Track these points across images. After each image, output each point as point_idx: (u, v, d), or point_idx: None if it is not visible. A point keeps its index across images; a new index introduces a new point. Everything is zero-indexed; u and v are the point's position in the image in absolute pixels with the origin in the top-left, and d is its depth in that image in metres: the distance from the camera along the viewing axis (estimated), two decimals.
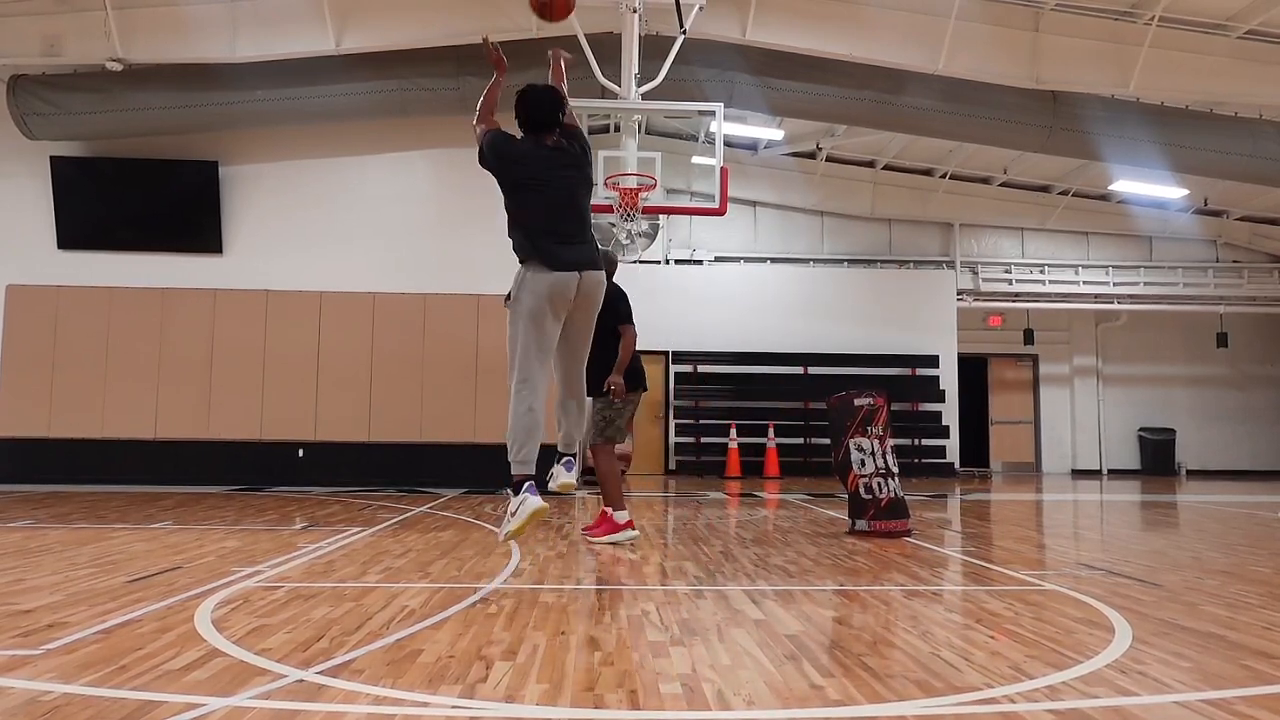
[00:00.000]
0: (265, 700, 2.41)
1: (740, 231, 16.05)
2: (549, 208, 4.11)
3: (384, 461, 10.91)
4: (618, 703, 2.45)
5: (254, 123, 10.75)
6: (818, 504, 9.14)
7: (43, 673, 2.67)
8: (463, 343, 11.03)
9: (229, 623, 3.35)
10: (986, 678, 2.72)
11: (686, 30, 7.95)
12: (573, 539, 6.09)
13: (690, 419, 15.28)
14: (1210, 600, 4.03)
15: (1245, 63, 10.10)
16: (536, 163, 4.14)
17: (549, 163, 4.15)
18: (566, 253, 4.07)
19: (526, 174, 4.12)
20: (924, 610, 3.76)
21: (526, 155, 4.16)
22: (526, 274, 4.07)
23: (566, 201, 4.16)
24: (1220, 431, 16.93)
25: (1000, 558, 5.42)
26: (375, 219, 11.29)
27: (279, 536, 6.02)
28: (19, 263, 10.96)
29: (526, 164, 4.14)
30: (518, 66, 10.06)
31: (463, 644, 3.07)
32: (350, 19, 9.64)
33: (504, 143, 4.18)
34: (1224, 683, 2.69)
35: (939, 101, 10.62)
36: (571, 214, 4.16)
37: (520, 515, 4.03)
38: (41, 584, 4.13)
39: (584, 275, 4.08)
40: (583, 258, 4.11)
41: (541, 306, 4.03)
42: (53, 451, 10.71)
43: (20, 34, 9.62)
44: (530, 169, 4.13)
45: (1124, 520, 8.16)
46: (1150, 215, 16.07)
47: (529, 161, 4.14)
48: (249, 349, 11.00)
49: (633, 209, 7.80)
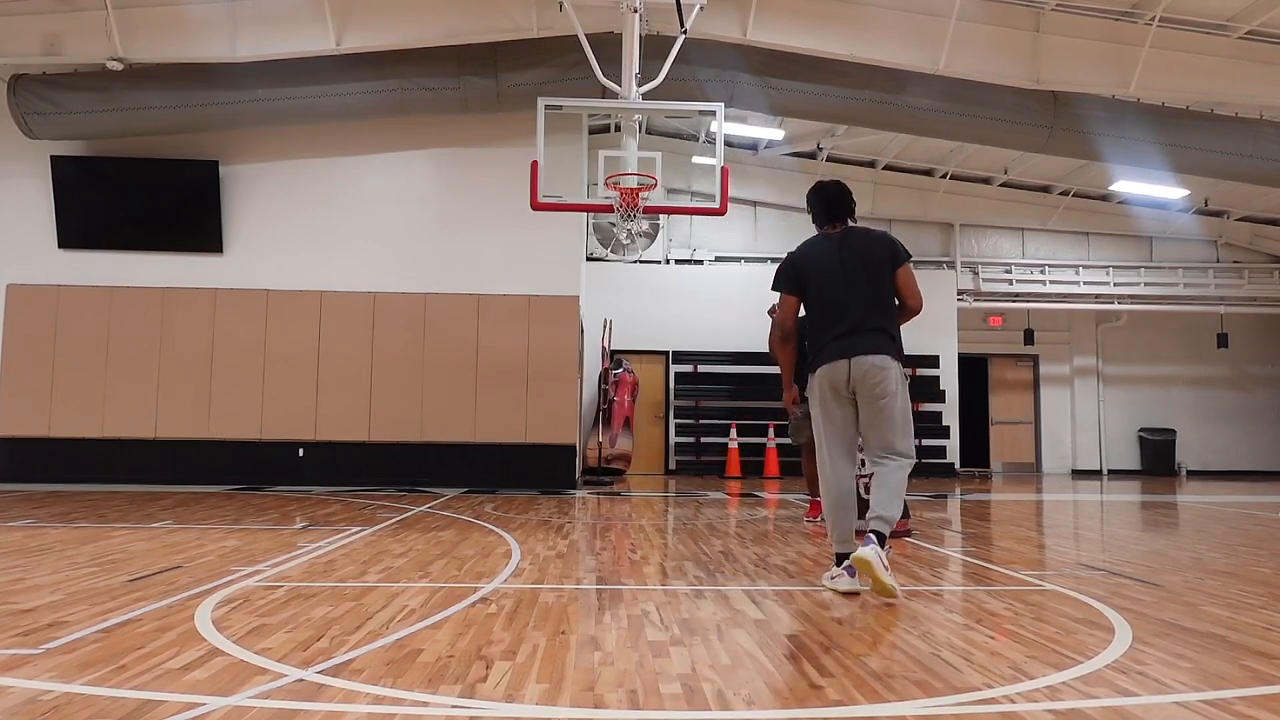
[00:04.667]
0: (265, 700, 2.41)
1: (741, 231, 16.05)
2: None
3: (384, 461, 10.91)
4: (618, 703, 2.45)
5: (254, 122, 10.75)
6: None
7: (43, 672, 2.67)
8: (463, 343, 11.03)
9: (229, 622, 3.35)
10: (986, 678, 2.71)
11: (687, 30, 7.93)
12: (573, 539, 6.10)
13: (690, 419, 15.28)
14: (1211, 601, 4.02)
15: (1246, 63, 10.09)
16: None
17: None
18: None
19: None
20: (924, 610, 3.76)
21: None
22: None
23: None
24: (1220, 432, 16.93)
25: (1000, 558, 5.42)
26: (375, 219, 11.29)
27: (279, 536, 6.02)
28: (19, 262, 10.97)
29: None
30: (518, 66, 10.15)
31: (463, 644, 3.07)
32: (350, 18, 9.64)
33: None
34: (1224, 683, 2.69)
35: (939, 101, 10.62)
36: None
37: (833, 585, 4.17)
38: (42, 583, 4.13)
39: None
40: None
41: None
42: (53, 451, 10.72)
43: (21, 33, 9.62)
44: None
45: (1124, 520, 8.16)
46: (1151, 216, 16.07)
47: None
48: (249, 349, 11.00)
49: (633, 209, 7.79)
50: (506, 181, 10.89)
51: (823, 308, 4.27)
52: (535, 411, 10.97)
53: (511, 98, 10.29)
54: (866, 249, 4.26)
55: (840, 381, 4.15)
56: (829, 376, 4.18)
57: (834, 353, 4.17)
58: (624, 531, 6.65)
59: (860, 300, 4.19)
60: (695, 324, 15.22)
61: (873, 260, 4.23)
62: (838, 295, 4.22)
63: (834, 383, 4.17)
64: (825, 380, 4.19)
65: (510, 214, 10.77)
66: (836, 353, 4.17)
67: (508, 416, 10.93)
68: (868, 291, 4.20)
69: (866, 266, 4.23)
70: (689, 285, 15.43)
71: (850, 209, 4.44)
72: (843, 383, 4.15)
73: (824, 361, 4.20)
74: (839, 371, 4.15)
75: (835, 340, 4.18)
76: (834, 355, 4.17)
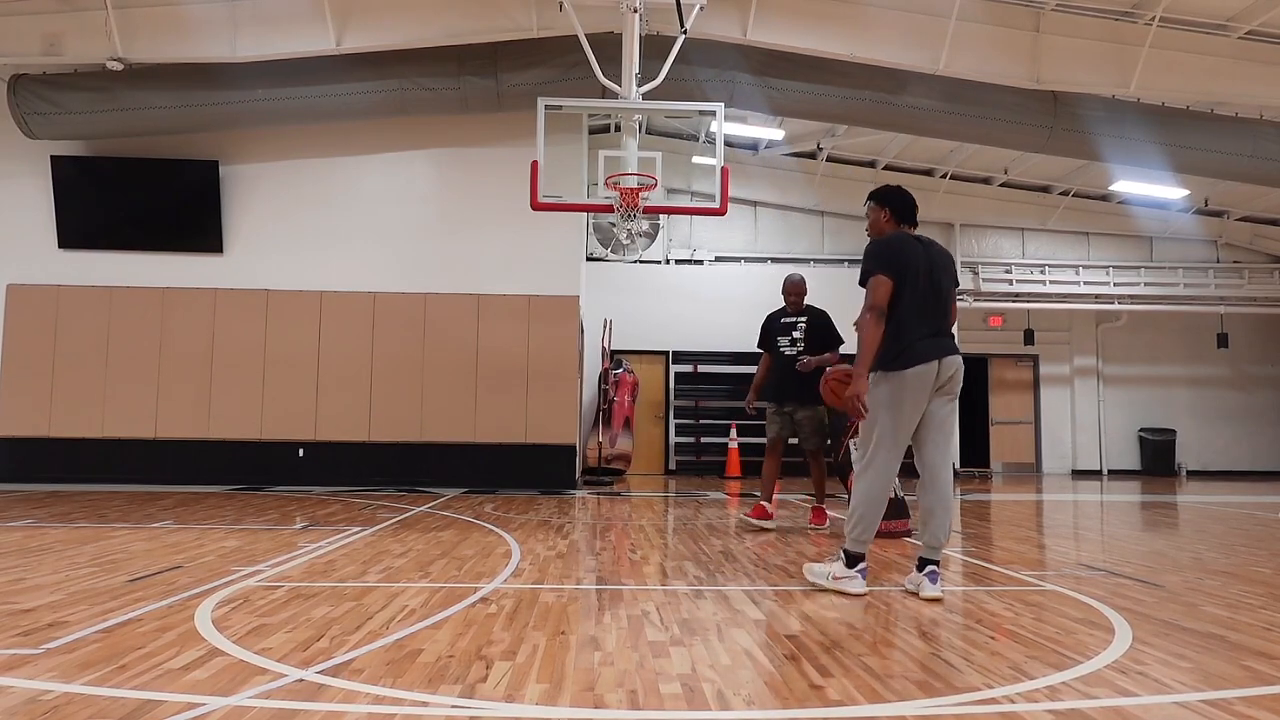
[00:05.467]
0: (265, 700, 2.41)
1: (741, 231, 16.05)
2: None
3: (384, 461, 10.91)
4: (618, 703, 2.45)
5: (254, 122, 10.75)
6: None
7: (43, 672, 2.67)
8: (463, 343, 11.03)
9: (229, 622, 3.35)
10: (987, 678, 2.72)
11: (687, 30, 7.93)
12: (573, 539, 6.10)
13: (690, 419, 15.28)
14: (1211, 601, 4.02)
15: (1246, 63, 10.09)
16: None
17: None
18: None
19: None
20: (924, 610, 3.76)
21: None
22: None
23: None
24: (1221, 432, 16.92)
25: (1000, 558, 5.42)
26: (375, 219, 11.29)
27: (279, 536, 6.02)
28: (19, 262, 10.97)
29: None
30: (518, 66, 10.14)
31: (463, 644, 3.07)
32: (350, 18, 9.64)
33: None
34: (1224, 683, 2.69)
35: (939, 101, 10.62)
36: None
37: (838, 585, 4.18)
38: (42, 583, 4.13)
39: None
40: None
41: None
42: (53, 451, 10.72)
43: (21, 33, 9.62)
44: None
45: (1124, 521, 8.16)
46: (1151, 216, 16.06)
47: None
48: (249, 349, 11.00)
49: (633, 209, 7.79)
50: (506, 181, 10.89)
51: (912, 306, 4.17)
52: (535, 411, 10.97)
53: (511, 98, 10.29)
54: (945, 263, 4.33)
55: (930, 381, 4.10)
56: (922, 376, 4.09)
57: (928, 351, 4.11)
58: (624, 531, 6.65)
59: (940, 307, 4.23)
60: (695, 324, 15.21)
61: (948, 275, 4.32)
62: (925, 297, 4.19)
63: (925, 382, 4.10)
64: (917, 379, 4.09)
65: (510, 214, 10.77)
66: (930, 352, 4.11)
67: (508, 416, 10.93)
68: (945, 301, 4.26)
69: (945, 279, 4.28)
70: (689, 285, 15.43)
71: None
72: (931, 383, 4.11)
73: (920, 360, 4.09)
74: (931, 371, 4.10)
75: (925, 340, 4.13)
76: (927, 354, 4.11)
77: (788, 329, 7.00)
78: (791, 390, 6.79)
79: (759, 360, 7.30)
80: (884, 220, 4.49)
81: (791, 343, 6.93)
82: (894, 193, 4.52)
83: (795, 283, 7.15)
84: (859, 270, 4.31)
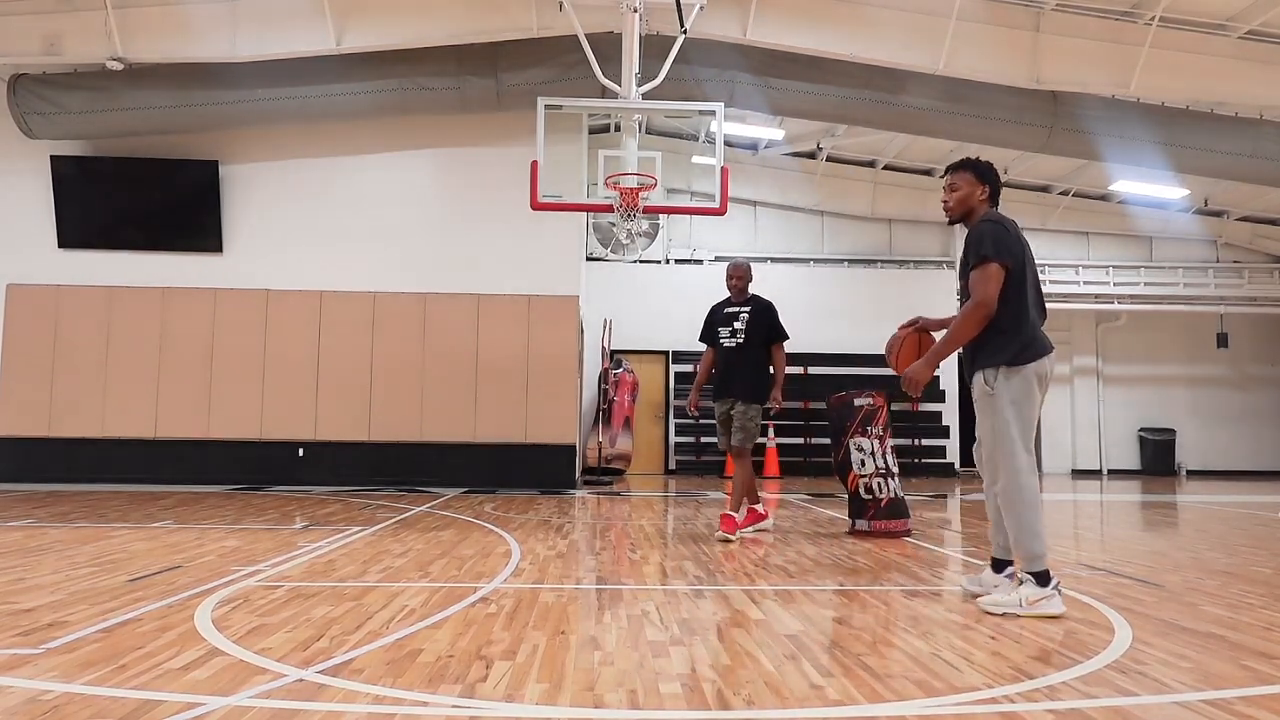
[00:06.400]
0: (265, 700, 2.41)
1: (740, 231, 16.05)
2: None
3: (384, 461, 10.91)
4: (618, 703, 2.45)
5: (254, 122, 10.75)
6: (818, 504, 9.14)
7: (43, 672, 2.66)
8: (463, 343, 11.02)
9: (229, 622, 3.35)
10: (987, 678, 2.71)
11: (687, 30, 7.93)
12: (573, 539, 6.10)
13: (690, 419, 15.27)
14: (1211, 601, 4.02)
15: (1245, 63, 10.10)
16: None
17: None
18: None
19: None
20: (924, 610, 3.76)
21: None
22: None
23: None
24: (1220, 432, 16.93)
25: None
26: (375, 219, 11.29)
27: (279, 536, 6.02)
28: (19, 262, 10.97)
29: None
30: (518, 66, 10.14)
31: (463, 644, 3.07)
32: (350, 18, 9.64)
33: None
34: (1224, 683, 2.69)
35: (939, 101, 10.62)
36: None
37: (1036, 610, 3.62)
38: (42, 583, 4.13)
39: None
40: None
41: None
42: (53, 451, 10.72)
43: (20, 33, 9.62)
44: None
45: (1125, 520, 8.15)
46: (1150, 215, 16.07)
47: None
48: (249, 349, 11.00)
49: (633, 208, 7.80)
50: (506, 181, 10.90)
51: (1028, 295, 3.82)
52: (535, 411, 10.97)
53: (511, 98, 10.29)
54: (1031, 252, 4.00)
55: (1049, 374, 3.82)
56: (1047, 367, 3.79)
57: (1047, 343, 3.82)
58: (624, 531, 6.65)
59: (1042, 298, 3.94)
60: (695, 324, 15.01)
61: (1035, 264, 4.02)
62: (1035, 286, 3.89)
63: (1047, 375, 3.80)
64: (1044, 371, 3.78)
65: (510, 214, 10.78)
66: (1048, 343, 3.82)
67: (508, 416, 10.93)
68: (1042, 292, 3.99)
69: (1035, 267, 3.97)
70: (689, 285, 15.42)
71: None
72: (1049, 376, 3.83)
73: (1045, 351, 3.78)
74: (1051, 364, 3.81)
75: (1040, 331, 3.83)
76: (1047, 346, 3.80)
77: (729, 319, 6.48)
78: (734, 384, 6.31)
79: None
80: (978, 198, 3.98)
81: (732, 334, 6.41)
82: (993, 170, 4.03)
83: (738, 265, 6.61)
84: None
